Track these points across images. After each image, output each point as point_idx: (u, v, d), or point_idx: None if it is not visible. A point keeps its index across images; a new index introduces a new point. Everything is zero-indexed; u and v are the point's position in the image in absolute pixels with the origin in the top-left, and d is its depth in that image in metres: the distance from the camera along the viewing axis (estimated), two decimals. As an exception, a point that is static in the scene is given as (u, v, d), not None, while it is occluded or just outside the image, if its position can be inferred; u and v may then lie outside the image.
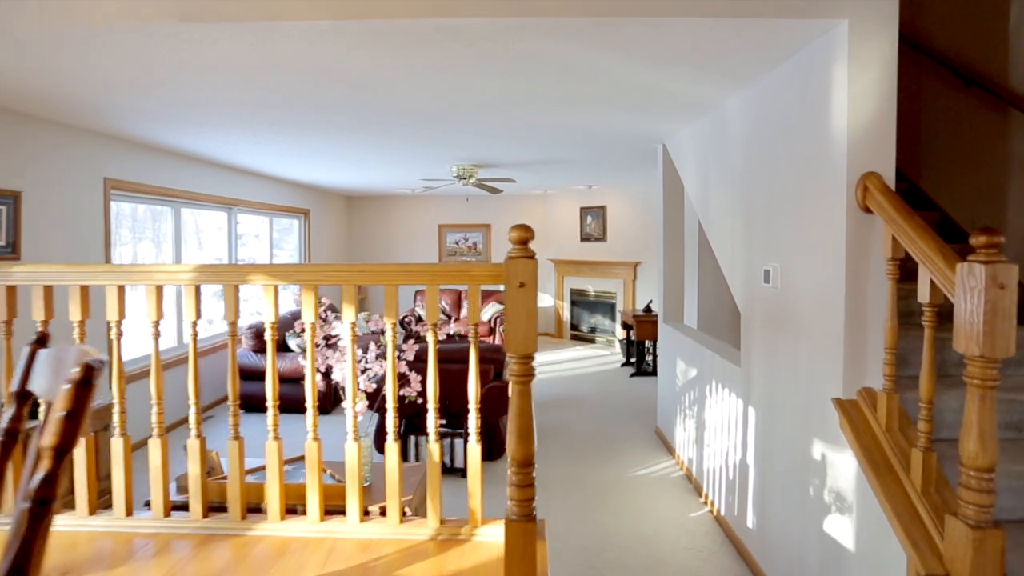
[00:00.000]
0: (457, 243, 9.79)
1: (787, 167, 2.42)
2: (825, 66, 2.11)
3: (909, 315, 2.21)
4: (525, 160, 5.51)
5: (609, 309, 8.80)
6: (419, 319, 8.40)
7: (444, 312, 8.80)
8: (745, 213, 2.89)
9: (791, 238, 2.40)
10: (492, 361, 4.23)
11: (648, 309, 6.87)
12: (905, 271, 1.87)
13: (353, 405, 1.90)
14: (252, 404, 5.24)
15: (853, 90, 1.99)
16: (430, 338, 1.81)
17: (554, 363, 7.67)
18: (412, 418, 4.07)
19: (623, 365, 7.40)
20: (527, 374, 1.56)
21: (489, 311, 8.47)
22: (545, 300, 9.74)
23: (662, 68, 2.57)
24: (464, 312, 8.81)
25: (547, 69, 2.61)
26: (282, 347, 5.50)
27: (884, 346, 1.88)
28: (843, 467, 2.05)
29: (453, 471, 3.97)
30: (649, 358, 7.05)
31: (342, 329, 2.23)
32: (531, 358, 1.54)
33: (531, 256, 1.55)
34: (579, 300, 9.26)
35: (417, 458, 3.97)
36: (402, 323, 8.23)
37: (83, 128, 3.94)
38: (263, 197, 6.70)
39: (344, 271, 1.84)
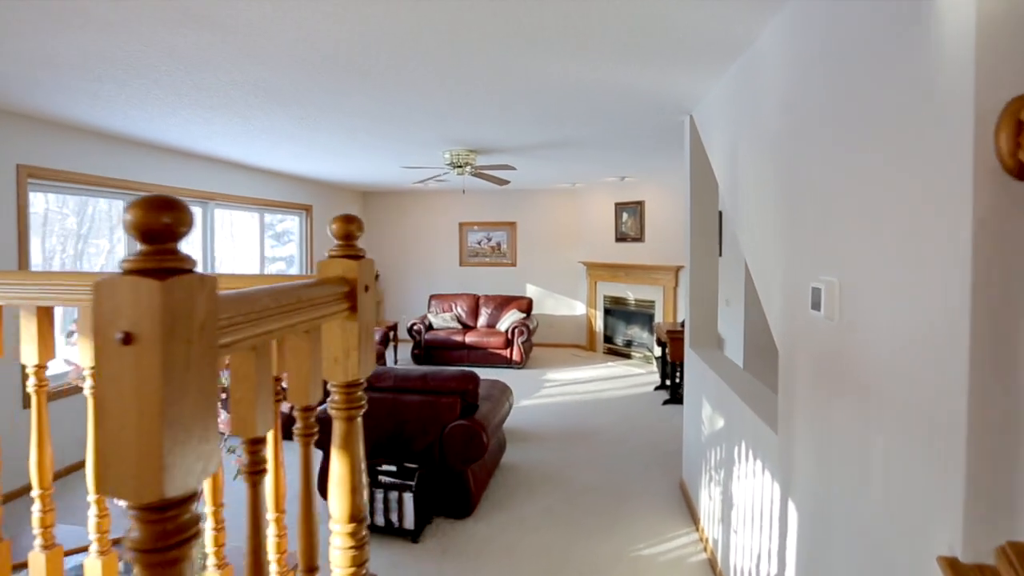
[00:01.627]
0: (479, 243, 8.95)
1: (853, 117, 1.38)
2: None
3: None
4: (530, 142, 4.57)
5: (648, 320, 7.68)
6: (430, 327, 7.62)
7: (459, 320, 7.97)
8: (783, 197, 1.84)
9: (860, 236, 1.36)
10: (460, 393, 3.33)
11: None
12: None
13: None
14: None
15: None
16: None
17: (578, 382, 6.66)
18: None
19: (657, 388, 6.30)
20: (353, 404, 1.04)
21: (508, 320, 7.57)
22: (576, 308, 8.72)
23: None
24: (482, 320, 7.95)
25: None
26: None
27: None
28: None
29: (400, 532, 3.10)
30: (687, 381, 5.91)
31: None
32: (357, 386, 1.04)
33: (356, 255, 1.02)
34: (614, 309, 8.19)
35: (358, 514, 3.13)
36: (410, 331, 7.47)
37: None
38: (249, 191, 6.11)
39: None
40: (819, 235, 1.55)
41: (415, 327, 7.46)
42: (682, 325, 5.72)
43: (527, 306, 7.90)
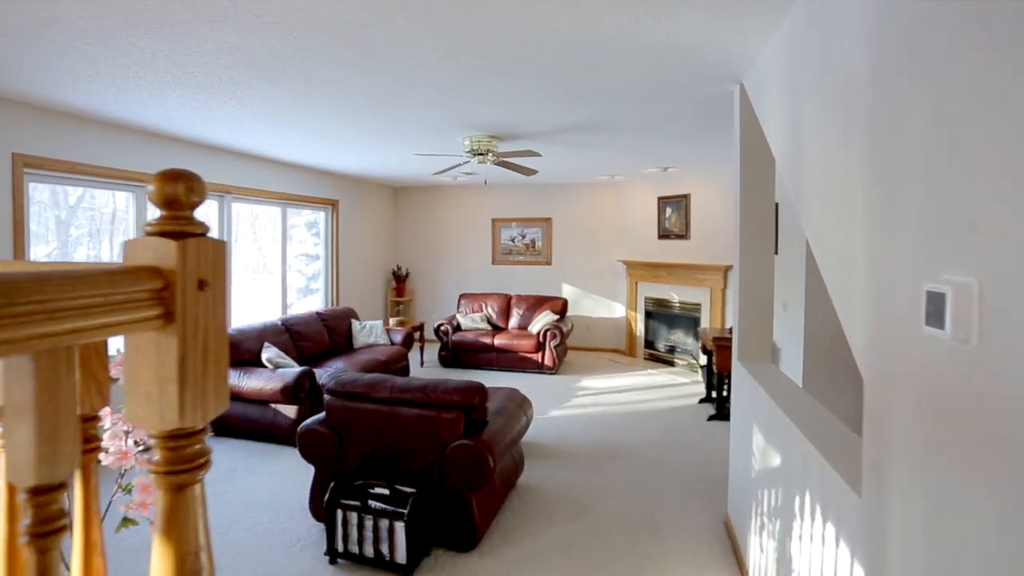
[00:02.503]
0: (513, 240, 8.50)
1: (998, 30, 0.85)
2: None
3: None
4: (555, 124, 4.09)
5: (692, 324, 7.05)
6: (458, 328, 7.24)
7: (489, 321, 7.56)
8: (873, 164, 1.30)
9: (1013, 210, 0.82)
10: (464, 407, 2.89)
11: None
12: None
13: None
14: (220, 425, 4.36)
15: None
16: None
17: (614, 390, 6.12)
18: (350, 475, 2.86)
19: (702, 401, 5.68)
20: (183, 466, 0.62)
21: (540, 322, 7.10)
22: (615, 310, 8.16)
23: None
24: (513, 321, 7.51)
25: None
26: (255, 362, 4.56)
27: None
28: None
29: (391, 567, 2.69)
30: (736, 394, 5.29)
31: None
32: (189, 437, 0.62)
33: (183, 233, 0.60)
34: (657, 311, 7.58)
35: (346, 545, 2.74)
36: (437, 332, 7.12)
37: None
38: (270, 184, 5.89)
39: None
40: (940, 212, 1.02)
41: (442, 328, 7.10)
42: (730, 332, 5.10)
43: (562, 307, 7.41)
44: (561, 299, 7.51)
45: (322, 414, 3.09)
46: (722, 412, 5.11)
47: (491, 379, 6.48)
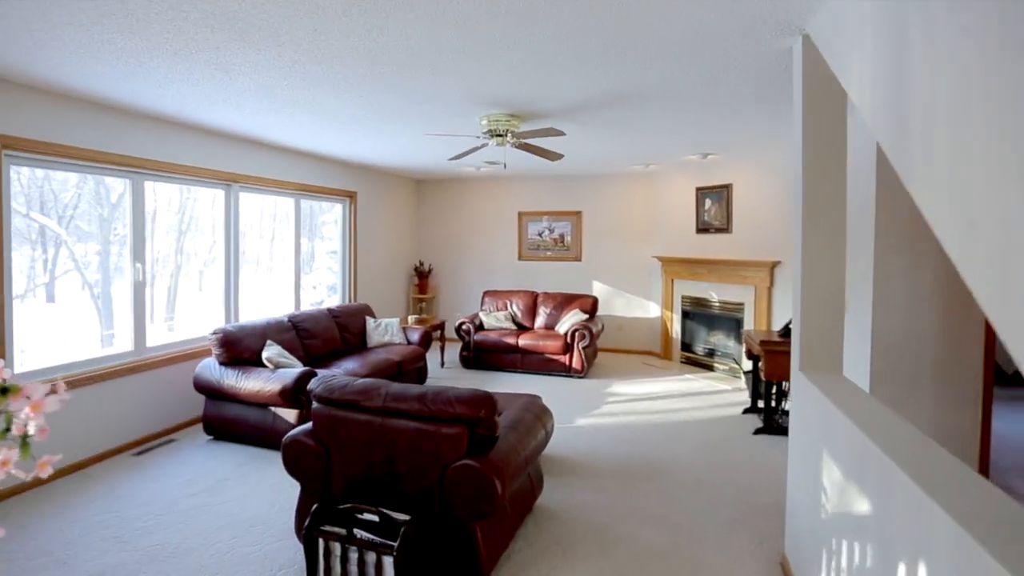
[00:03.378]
0: (540, 234, 8.04)
1: None
2: None
3: None
4: (579, 97, 3.62)
5: (734, 326, 6.45)
6: (480, 327, 6.83)
7: (514, 320, 7.12)
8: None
9: None
10: (468, 421, 2.46)
11: (787, 332, 4.54)
12: None
13: None
14: (218, 428, 4.06)
15: None
16: None
17: (648, 397, 5.60)
18: (338, 497, 2.46)
19: (747, 411, 5.11)
20: None
21: (568, 321, 6.63)
22: (650, 309, 7.61)
23: None
24: (540, 321, 7.05)
25: None
26: (255, 361, 4.24)
27: None
28: None
29: (382, 612, 2.28)
30: (787, 404, 4.72)
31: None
32: None
33: None
34: (694, 311, 7.00)
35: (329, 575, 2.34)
36: (459, 331, 6.72)
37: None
38: (283, 174, 5.59)
39: None
40: None
41: (464, 326, 6.69)
42: (782, 335, 4.53)
43: (591, 306, 6.91)
44: (591, 297, 7.01)
45: (309, 424, 2.71)
46: (770, 425, 4.54)
47: (515, 382, 6.04)
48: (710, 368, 6.72)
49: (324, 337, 5.08)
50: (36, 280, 3.76)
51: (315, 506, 2.42)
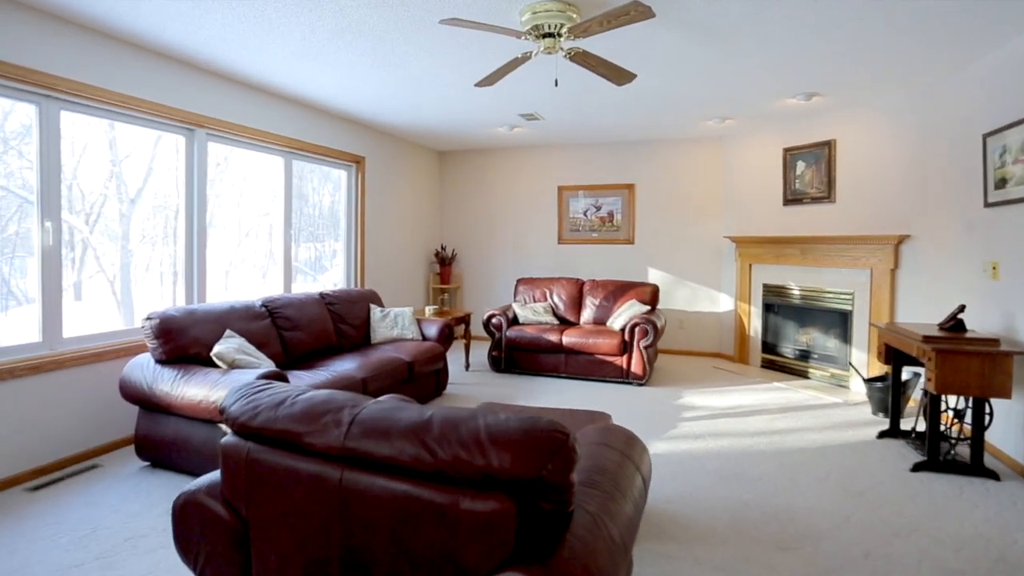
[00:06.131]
0: (585, 212, 6.74)
1: None
2: None
3: None
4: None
5: (839, 321, 5.04)
6: (514, 321, 5.57)
7: (555, 313, 5.83)
8: None
9: None
10: (517, 483, 1.19)
11: (958, 324, 3.16)
12: None
13: None
14: (152, 451, 2.90)
15: None
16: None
17: (735, 412, 4.24)
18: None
19: (883, 435, 3.71)
20: None
21: (624, 314, 5.33)
22: (720, 302, 6.24)
23: None
24: (587, 314, 5.76)
25: None
26: (206, 359, 3.05)
27: None
28: None
29: None
30: (967, 424, 3.31)
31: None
32: None
33: None
34: (780, 304, 5.61)
35: None
36: (487, 326, 5.47)
37: None
38: (268, 124, 4.43)
39: None
40: None
41: (494, 320, 5.44)
42: (947, 327, 3.15)
43: (652, 296, 5.59)
44: (651, 285, 5.68)
45: (216, 474, 1.48)
46: (936, 458, 3.15)
47: (558, 390, 4.76)
48: (803, 375, 5.32)
49: (311, 328, 3.88)
50: None
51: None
